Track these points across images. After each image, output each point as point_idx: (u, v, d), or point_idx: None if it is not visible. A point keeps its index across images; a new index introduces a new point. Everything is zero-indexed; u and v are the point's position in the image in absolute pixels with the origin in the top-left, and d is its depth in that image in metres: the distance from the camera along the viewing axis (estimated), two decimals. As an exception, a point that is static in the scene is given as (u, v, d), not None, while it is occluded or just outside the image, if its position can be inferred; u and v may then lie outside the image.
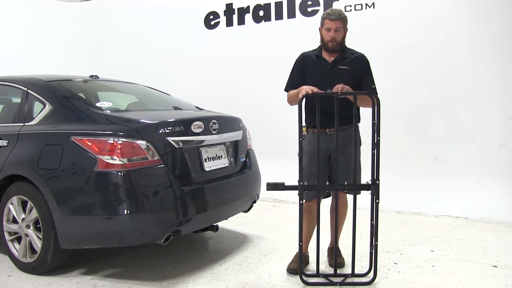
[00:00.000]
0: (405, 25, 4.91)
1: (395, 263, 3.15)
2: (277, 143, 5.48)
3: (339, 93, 2.70)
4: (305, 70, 3.05)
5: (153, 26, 6.76)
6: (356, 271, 2.86)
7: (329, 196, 3.08)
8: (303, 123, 3.01)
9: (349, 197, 3.03)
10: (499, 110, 4.50)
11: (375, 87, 2.99)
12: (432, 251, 3.41)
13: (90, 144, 2.72)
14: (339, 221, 3.00)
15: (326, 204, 3.02)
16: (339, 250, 3.11)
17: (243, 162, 3.57)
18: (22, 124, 3.17)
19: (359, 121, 3.03)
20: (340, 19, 2.92)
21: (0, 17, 6.48)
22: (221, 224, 3.58)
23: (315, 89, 2.73)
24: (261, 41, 5.84)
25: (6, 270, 3.09)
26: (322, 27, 2.99)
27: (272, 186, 2.78)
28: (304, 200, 2.78)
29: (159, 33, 6.71)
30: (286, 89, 3.11)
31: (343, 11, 3.07)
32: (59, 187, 2.79)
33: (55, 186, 2.79)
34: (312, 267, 3.03)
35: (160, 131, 2.84)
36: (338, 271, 2.89)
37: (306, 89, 2.73)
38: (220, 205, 3.17)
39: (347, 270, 2.95)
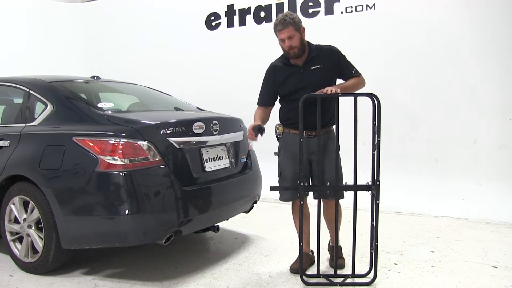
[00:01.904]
0: (405, 26, 4.92)
1: (395, 264, 3.16)
2: (277, 144, 5.47)
3: (339, 94, 2.71)
4: (276, 80, 3.00)
5: (154, 27, 6.78)
6: (356, 272, 2.87)
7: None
8: (279, 121, 3.09)
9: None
10: (499, 111, 4.51)
11: (356, 70, 2.97)
12: (432, 251, 3.41)
13: (91, 144, 2.73)
14: (334, 223, 2.97)
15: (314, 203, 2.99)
16: (340, 249, 3.11)
17: (244, 163, 3.58)
18: (24, 124, 3.18)
19: (334, 124, 2.92)
20: (288, 26, 2.79)
21: (2, 18, 6.50)
22: (222, 224, 3.59)
23: (255, 126, 2.86)
24: (262, 42, 5.82)
25: (7, 270, 3.11)
26: (278, 40, 2.93)
27: (273, 187, 2.82)
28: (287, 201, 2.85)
29: (160, 34, 6.72)
30: (258, 103, 3.12)
31: (288, 12, 2.93)
32: (61, 187, 2.80)
33: (56, 186, 2.80)
34: (312, 267, 3.03)
35: (161, 132, 2.85)
36: (339, 272, 2.90)
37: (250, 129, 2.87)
38: (221, 206, 3.18)
39: (348, 270, 2.96)
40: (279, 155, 3.09)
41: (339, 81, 3.02)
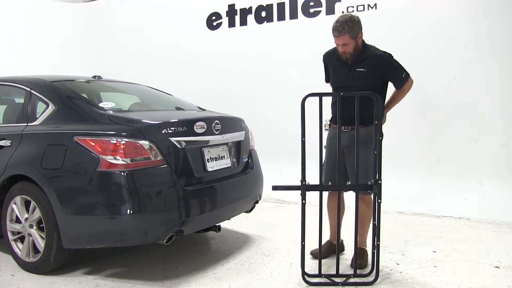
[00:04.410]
0: (407, 26, 4.92)
1: (397, 264, 3.15)
2: (279, 144, 5.49)
3: (341, 93, 2.72)
4: (328, 68, 3.24)
5: (156, 27, 6.78)
6: (358, 271, 2.87)
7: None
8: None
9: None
10: (501, 111, 4.50)
11: (405, 76, 3.03)
12: (434, 251, 3.41)
13: (93, 144, 2.73)
14: (361, 222, 2.94)
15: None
16: (365, 251, 3.10)
17: (245, 163, 3.57)
18: (26, 124, 3.18)
19: (374, 121, 2.92)
20: (344, 34, 2.88)
21: (4, 18, 6.50)
22: (224, 224, 3.59)
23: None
24: (263, 42, 5.85)
25: (9, 269, 3.11)
26: None
27: (275, 187, 2.81)
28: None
29: (161, 34, 6.72)
30: (325, 81, 3.33)
31: (350, 16, 2.97)
32: (62, 187, 2.80)
33: (58, 186, 2.80)
34: (314, 267, 3.02)
35: (163, 131, 2.85)
36: (341, 272, 2.89)
37: None
38: (223, 205, 3.17)
39: (349, 270, 2.96)
40: (325, 148, 3.16)
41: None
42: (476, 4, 4.58)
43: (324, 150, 3.06)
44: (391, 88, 3.16)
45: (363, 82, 2.93)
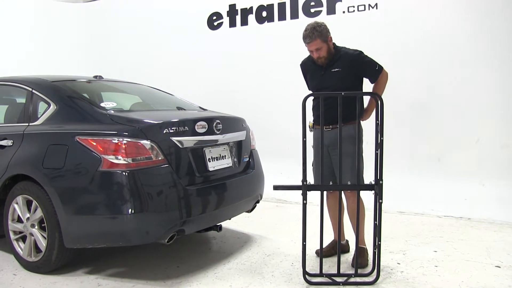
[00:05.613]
0: (408, 26, 4.92)
1: (398, 263, 3.16)
2: (280, 144, 5.49)
3: (342, 93, 2.72)
4: (306, 76, 3.30)
5: (156, 27, 6.79)
6: (359, 271, 2.87)
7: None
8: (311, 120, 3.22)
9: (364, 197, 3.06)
10: (502, 111, 4.50)
11: (378, 68, 3.07)
12: (435, 251, 3.41)
13: (94, 144, 2.74)
14: (356, 220, 2.95)
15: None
16: (365, 250, 3.11)
17: (246, 162, 3.58)
18: (27, 124, 3.19)
19: (359, 119, 3.00)
20: (315, 38, 2.98)
21: (4, 18, 6.51)
22: (225, 224, 3.59)
23: None
24: (264, 42, 5.85)
25: (11, 269, 3.12)
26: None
27: (276, 186, 2.82)
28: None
29: (162, 33, 6.73)
30: (309, 89, 3.31)
31: (316, 22, 3.07)
32: (64, 186, 2.81)
33: (59, 186, 2.81)
34: (315, 267, 3.03)
35: (164, 131, 2.85)
36: (342, 271, 2.89)
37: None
38: (224, 205, 3.18)
39: (351, 269, 2.96)
40: (312, 147, 3.23)
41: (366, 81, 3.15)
42: (477, 4, 4.58)
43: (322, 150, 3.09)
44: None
45: (339, 82, 3.01)
